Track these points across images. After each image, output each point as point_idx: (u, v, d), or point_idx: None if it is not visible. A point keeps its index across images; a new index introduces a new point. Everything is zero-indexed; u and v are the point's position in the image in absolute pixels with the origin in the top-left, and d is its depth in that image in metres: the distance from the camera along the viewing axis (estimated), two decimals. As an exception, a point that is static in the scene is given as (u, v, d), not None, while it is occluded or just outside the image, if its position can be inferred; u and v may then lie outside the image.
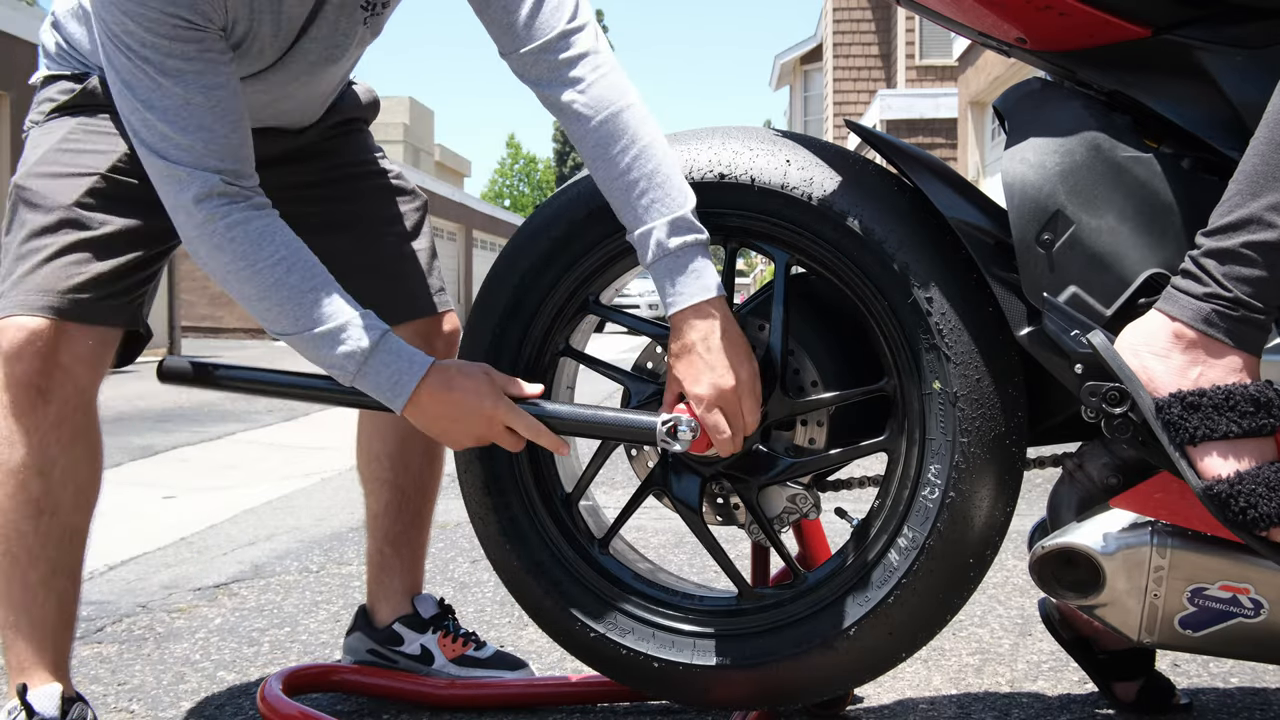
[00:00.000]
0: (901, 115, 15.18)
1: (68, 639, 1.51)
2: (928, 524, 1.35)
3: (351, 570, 2.68)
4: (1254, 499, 1.11)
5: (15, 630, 1.47)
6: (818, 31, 21.79)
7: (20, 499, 1.44)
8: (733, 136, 1.45)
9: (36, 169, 1.50)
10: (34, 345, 1.41)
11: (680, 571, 2.56)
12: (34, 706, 1.44)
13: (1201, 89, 1.25)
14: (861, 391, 1.41)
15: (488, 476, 1.54)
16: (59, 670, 1.49)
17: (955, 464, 1.34)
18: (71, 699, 1.48)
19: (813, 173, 1.40)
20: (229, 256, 1.34)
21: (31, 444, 1.43)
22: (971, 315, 1.34)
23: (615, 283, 1.55)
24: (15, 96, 9.91)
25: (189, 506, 3.56)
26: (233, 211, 1.34)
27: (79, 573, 1.51)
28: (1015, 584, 2.44)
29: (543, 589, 1.52)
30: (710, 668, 1.45)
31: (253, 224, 1.35)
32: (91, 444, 1.49)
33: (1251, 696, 1.73)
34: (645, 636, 1.48)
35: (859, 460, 1.57)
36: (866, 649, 1.39)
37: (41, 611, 1.46)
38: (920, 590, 1.36)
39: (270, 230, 1.36)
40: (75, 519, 1.48)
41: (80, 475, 1.47)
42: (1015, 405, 1.34)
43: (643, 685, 1.51)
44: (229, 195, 1.34)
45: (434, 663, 1.79)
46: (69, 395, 1.44)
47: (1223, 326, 1.14)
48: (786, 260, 1.42)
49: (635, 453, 1.54)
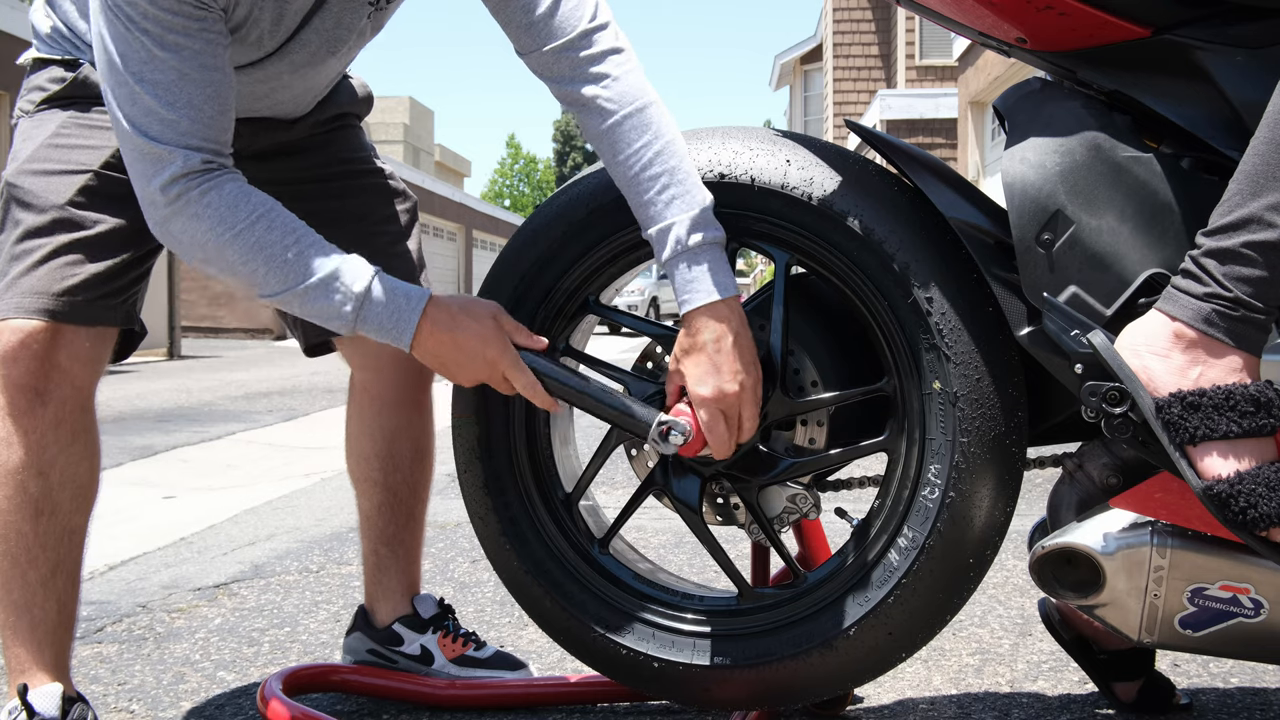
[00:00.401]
0: (901, 115, 15.18)
1: (68, 639, 1.51)
2: (928, 524, 1.35)
3: (351, 570, 2.68)
4: (1254, 499, 1.11)
5: (14, 631, 1.47)
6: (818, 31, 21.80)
7: (19, 500, 1.44)
8: (732, 136, 1.45)
9: (28, 166, 1.49)
10: (29, 348, 1.41)
11: (680, 571, 2.56)
12: (35, 706, 1.44)
13: (1201, 89, 1.25)
14: (861, 392, 1.41)
15: (488, 476, 1.54)
16: (59, 670, 1.49)
17: (955, 464, 1.34)
18: (72, 699, 1.48)
19: (813, 173, 1.40)
20: (208, 224, 1.32)
21: (30, 445, 1.43)
22: (971, 315, 1.34)
23: (615, 283, 1.55)
24: (15, 97, 9.91)
25: (189, 506, 3.56)
26: (206, 181, 1.33)
27: (78, 573, 1.51)
28: (1015, 584, 2.44)
29: (542, 589, 1.53)
30: (710, 667, 1.45)
31: (226, 188, 1.33)
32: (90, 443, 1.49)
33: (1251, 696, 1.73)
34: (645, 636, 1.49)
35: (859, 460, 1.57)
36: (866, 649, 1.39)
37: (41, 612, 1.46)
38: (920, 590, 1.36)
39: (244, 192, 1.34)
40: (74, 519, 1.48)
41: (79, 475, 1.48)
42: (1015, 405, 1.34)
43: (643, 685, 1.51)
44: (205, 171, 1.33)
45: (434, 663, 1.79)
46: (66, 396, 1.44)
47: (1223, 326, 1.14)
48: (787, 260, 1.42)
49: (635, 453, 1.54)
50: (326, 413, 6.44)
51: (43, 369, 1.42)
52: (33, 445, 1.43)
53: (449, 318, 1.36)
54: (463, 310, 1.37)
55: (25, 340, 1.41)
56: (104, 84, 1.33)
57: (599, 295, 1.53)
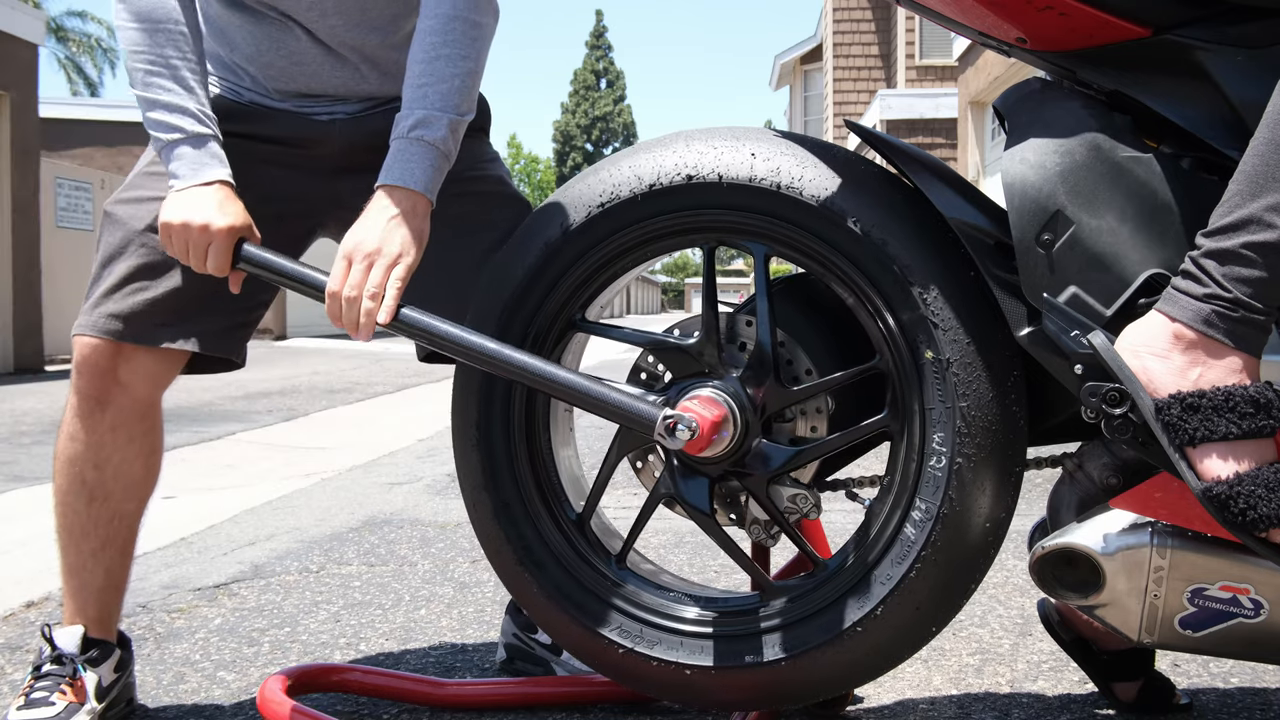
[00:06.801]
0: (901, 115, 15.16)
1: (114, 600, 1.70)
2: (939, 493, 1.35)
3: (351, 570, 2.68)
4: (1253, 500, 1.10)
5: (69, 587, 1.69)
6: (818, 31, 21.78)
7: (77, 486, 1.64)
8: (695, 138, 1.47)
9: (122, 194, 1.66)
10: (93, 363, 1.60)
11: (680, 571, 2.56)
12: (56, 641, 1.65)
13: (1202, 89, 1.25)
14: (855, 371, 1.41)
15: (496, 505, 1.54)
16: (101, 624, 1.69)
17: (957, 429, 1.34)
18: (98, 641, 1.67)
19: (778, 162, 1.41)
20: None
21: (90, 441, 1.63)
22: (953, 280, 1.34)
23: (598, 298, 1.54)
24: (15, 96, 9.92)
25: (189, 506, 3.56)
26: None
27: (130, 548, 1.71)
28: (1015, 584, 2.44)
29: (567, 613, 1.52)
30: (745, 666, 1.44)
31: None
32: (148, 446, 1.67)
33: (1251, 696, 1.73)
34: (674, 645, 1.47)
35: (859, 460, 1.57)
36: (896, 626, 1.38)
37: (90, 575, 1.67)
38: (941, 561, 1.36)
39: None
40: (125, 506, 1.67)
41: (133, 471, 1.66)
42: (1009, 365, 1.34)
43: (677, 695, 1.50)
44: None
45: (563, 653, 1.82)
46: (124, 406, 1.62)
47: (1222, 327, 1.14)
48: (765, 253, 1.43)
49: (640, 465, 1.54)
50: (326, 413, 6.45)
51: (104, 382, 1.60)
52: (92, 443, 1.63)
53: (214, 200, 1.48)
54: (219, 205, 1.48)
55: (90, 356, 1.60)
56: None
57: (583, 313, 1.53)
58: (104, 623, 1.69)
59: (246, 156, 1.65)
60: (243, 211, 1.50)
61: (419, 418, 6.01)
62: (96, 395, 1.61)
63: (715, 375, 1.45)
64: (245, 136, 1.67)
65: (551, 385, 1.39)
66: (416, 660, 1.99)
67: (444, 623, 2.22)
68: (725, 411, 1.40)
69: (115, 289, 1.61)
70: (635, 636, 1.49)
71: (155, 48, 1.51)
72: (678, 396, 1.43)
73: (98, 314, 1.61)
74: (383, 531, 3.14)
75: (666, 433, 1.35)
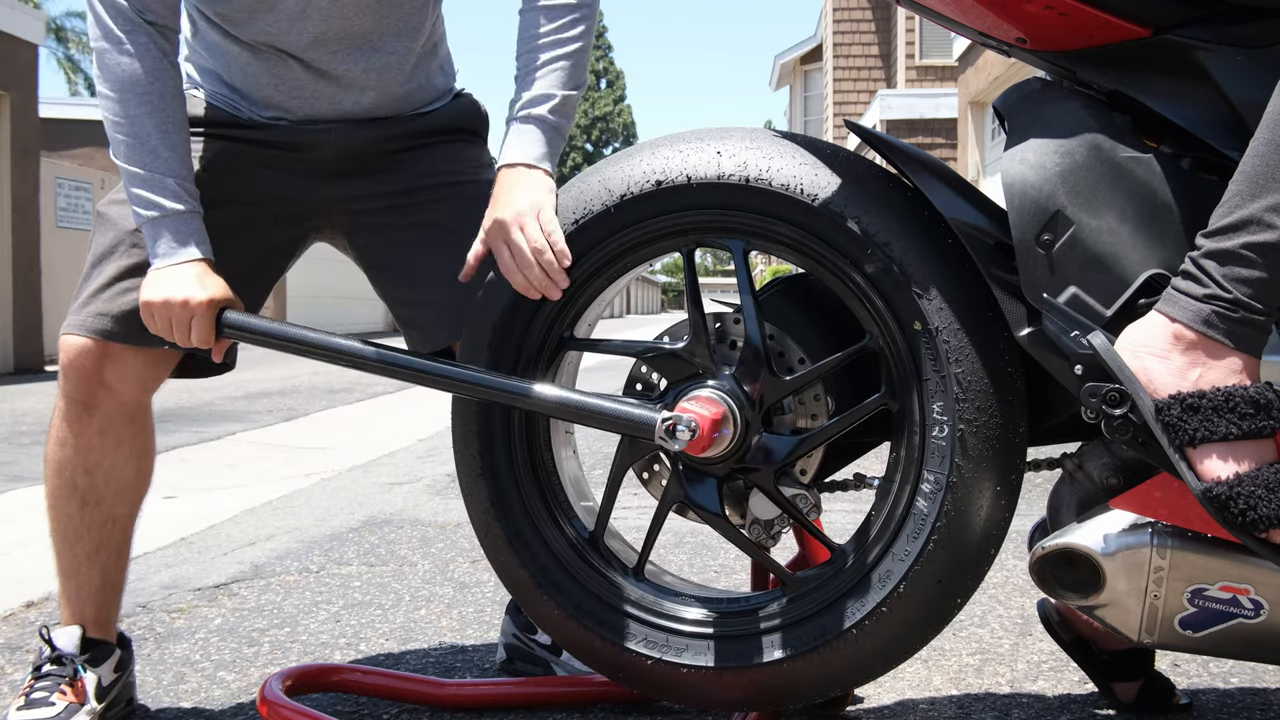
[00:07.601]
0: (901, 115, 15.16)
1: (111, 600, 1.70)
2: (946, 461, 1.35)
3: (351, 570, 2.68)
4: (1253, 501, 1.10)
5: (65, 590, 1.69)
6: (818, 32, 21.78)
7: (68, 491, 1.64)
8: (660, 145, 1.47)
9: (116, 195, 1.64)
10: (79, 366, 1.59)
11: (680, 571, 2.56)
12: (55, 642, 1.65)
13: (1202, 89, 1.25)
14: (846, 354, 1.41)
15: (509, 533, 1.53)
16: (99, 624, 1.68)
17: (955, 396, 1.34)
18: (98, 642, 1.67)
19: (745, 157, 1.41)
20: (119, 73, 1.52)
21: (79, 446, 1.62)
22: (931, 248, 1.35)
23: (584, 315, 1.54)
24: (15, 96, 9.92)
25: (189, 506, 3.56)
26: (135, 37, 1.52)
27: (126, 549, 1.70)
28: (1015, 584, 2.44)
29: (590, 630, 1.51)
30: (776, 662, 1.43)
31: (147, 58, 1.52)
32: (138, 449, 1.66)
33: (1251, 696, 1.73)
34: (702, 650, 1.46)
35: (859, 460, 1.57)
36: (920, 601, 1.37)
37: (86, 578, 1.67)
38: (956, 530, 1.35)
39: (159, 69, 1.53)
40: (117, 510, 1.66)
41: (124, 475, 1.65)
42: (998, 326, 1.34)
43: (707, 700, 1.49)
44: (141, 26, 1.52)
45: (563, 654, 1.82)
46: (111, 410, 1.61)
47: (1222, 328, 1.14)
48: (743, 247, 1.44)
49: (647, 475, 1.53)
50: (326, 413, 6.45)
51: (90, 386, 1.59)
52: (81, 447, 1.62)
53: (178, 283, 1.49)
54: (197, 279, 1.50)
55: (76, 358, 1.59)
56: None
57: (571, 330, 1.53)
58: (102, 623, 1.69)
59: (243, 158, 1.66)
60: (222, 284, 1.52)
61: (419, 418, 6.01)
62: (83, 400, 1.60)
63: (710, 375, 1.45)
64: (242, 141, 1.68)
65: (550, 407, 1.41)
66: (416, 660, 1.99)
67: (444, 623, 2.22)
68: (723, 408, 1.40)
69: (104, 288, 1.59)
70: (662, 646, 1.48)
71: (133, 123, 1.52)
72: (675, 400, 1.43)
73: (86, 313, 1.59)
74: (383, 531, 3.14)
75: (667, 435, 1.35)
